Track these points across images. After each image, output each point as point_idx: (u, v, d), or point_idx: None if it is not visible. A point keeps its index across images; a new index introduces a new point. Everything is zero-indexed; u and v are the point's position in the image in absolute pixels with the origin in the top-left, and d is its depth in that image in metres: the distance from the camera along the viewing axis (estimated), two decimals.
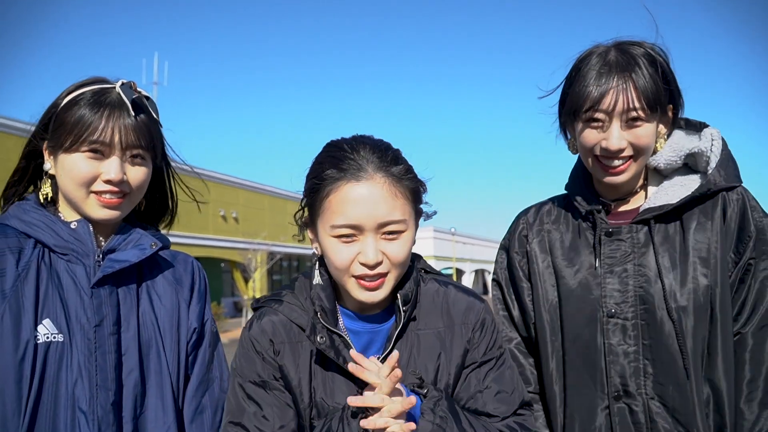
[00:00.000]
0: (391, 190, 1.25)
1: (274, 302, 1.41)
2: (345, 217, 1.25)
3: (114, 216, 1.42)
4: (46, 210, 1.42)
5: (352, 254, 1.26)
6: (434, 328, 1.38)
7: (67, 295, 1.36)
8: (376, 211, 1.24)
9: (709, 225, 1.55)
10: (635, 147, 1.51)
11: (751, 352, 1.50)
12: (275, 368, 1.34)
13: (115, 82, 1.42)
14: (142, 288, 1.48)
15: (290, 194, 33.95)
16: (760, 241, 1.52)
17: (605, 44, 1.57)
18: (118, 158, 1.38)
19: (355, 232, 1.25)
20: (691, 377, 1.49)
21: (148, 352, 1.43)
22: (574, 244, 1.67)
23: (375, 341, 1.37)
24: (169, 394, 1.44)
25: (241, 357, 1.37)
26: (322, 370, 1.34)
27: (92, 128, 1.35)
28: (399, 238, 1.28)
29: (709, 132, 1.60)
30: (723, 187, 1.55)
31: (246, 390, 1.34)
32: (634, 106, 1.46)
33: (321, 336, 1.31)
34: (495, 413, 1.36)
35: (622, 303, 1.55)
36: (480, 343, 1.40)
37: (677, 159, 1.61)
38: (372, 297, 1.29)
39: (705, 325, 1.51)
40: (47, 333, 1.31)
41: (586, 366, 1.59)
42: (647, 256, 1.56)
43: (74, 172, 1.37)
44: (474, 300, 1.43)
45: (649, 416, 1.52)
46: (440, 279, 1.47)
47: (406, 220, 1.28)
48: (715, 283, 1.51)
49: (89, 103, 1.37)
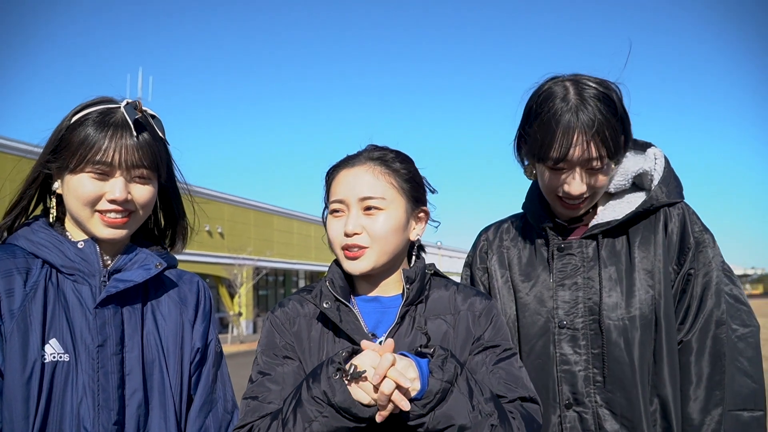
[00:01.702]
0: (374, 172, 1.46)
1: (300, 291, 1.57)
2: (335, 193, 1.48)
3: (119, 235, 1.42)
4: (54, 230, 1.43)
5: (340, 227, 1.46)
6: (441, 314, 1.48)
7: (72, 315, 1.36)
8: (357, 187, 1.45)
9: (652, 239, 1.65)
10: (594, 188, 1.61)
11: (696, 356, 1.58)
12: (291, 339, 1.47)
13: (121, 102, 1.43)
14: (147, 308, 1.48)
15: (276, 209, 33.86)
16: (699, 253, 1.62)
17: (561, 79, 1.58)
18: (122, 178, 1.39)
19: (342, 207, 1.46)
20: (637, 385, 1.57)
21: (152, 372, 1.43)
22: (530, 260, 1.77)
23: (383, 321, 1.46)
24: (171, 415, 1.44)
25: (262, 337, 1.51)
26: (333, 341, 1.45)
27: (96, 149, 1.36)
28: (377, 214, 1.44)
29: (653, 152, 1.72)
30: (664, 203, 1.65)
31: (261, 364, 1.46)
32: (596, 156, 1.54)
33: (327, 302, 1.44)
34: (500, 394, 1.38)
35: (572, 314, 1.64)
36: (485, 329, 1.47)
37: (626, 183, 1.71)
38: (353, 267, 1.44)
39: (650, 334, 1.59)
40: (54, 353, 1.31)
41: (540, 376, 1.66)
42: (595, 270, 1.65)
43: (79, 192, 1.38)
44: (478, 296, 1.54)
45: (598, 423, 1.59)
46: (449, 281, 1.59)
47: (386, 199, 1.44)
48: (659, 294, 1.60)
49: (94, 123, 1.38)
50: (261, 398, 1.40)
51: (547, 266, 1.71)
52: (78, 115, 1.41)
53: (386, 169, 1.47)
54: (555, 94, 1.55)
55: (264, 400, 1.39)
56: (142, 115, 1.43)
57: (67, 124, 1.41)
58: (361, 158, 1.49)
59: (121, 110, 1.40)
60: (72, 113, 1.43)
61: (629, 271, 1.62)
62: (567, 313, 1.64)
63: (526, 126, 1.64)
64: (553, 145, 1.53)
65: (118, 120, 1.39)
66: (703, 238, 1.63)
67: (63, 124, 1.42)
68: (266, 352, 1.47)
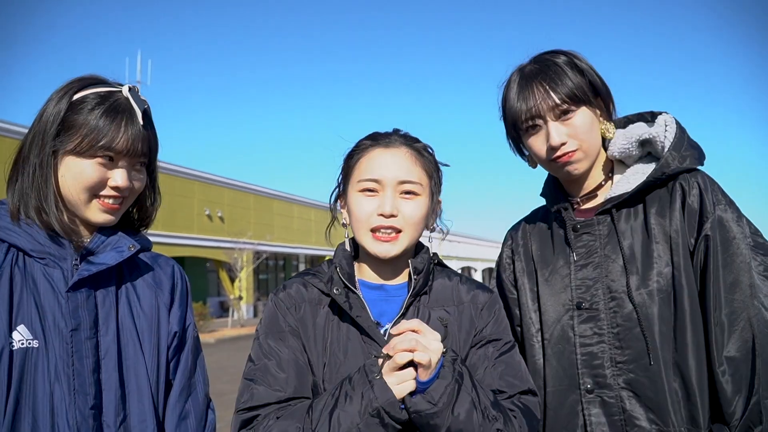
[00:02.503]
0: (411, 158, 1.46)
1: (303, 274, 1.54)
2: (371, 172, 1.44)
3: (112, 220, 1.42)
4: (21, 213, 1.38)
5: (373, 206, 1.43)
6: (444, 305, 1.49)
7: (43, 300, 1.33)
8: (397, 170, 1.43)
9: (669, 209, 1.56)
10: (576, 136, 1.56)
11: (724, 337, 1.45)
12: (295, 324, 1.45)
13: (114, 83, 1.42)
14: (121, 291, 1.45)
15: (276, 193, 33.84)
16: (721, 227, 1.49)
17: (525, 62, 1.66)
18: (126, 165, 1.39)
19: (377, 186, 1.43)
20: (659, 362, 1.49)
21: (127, 355, 1.41)
22: (549, 245, 1.73)
23: (388, 311, 1.46)
24: (148, 398, 1.41)
25: (265, 317, 1.49)
26: (338, 328, 1.43)
27: (110, 137, 1.34)
28: (414, 200, 1.44)
29: (663, 118, 1.63)
30: (677, 170, 1.55)
31: (266, 346, 1.43)
32: (558, 101, 1.54)
33: (337, 288, 1.43)
34: (501, 389, 1.41)
35: (591, 294, 1.59)
36: (488, 322, 1.49)
37: (630, 146, 1.63)
38: (386, 250, 1.43)
39: (670, 308, 1.51)
40: (22, 339, 1.28)
41: (560, 362, 1.61)
42: (611, 246, 1.59)
43: (84, 177, 1.35)
44: (481, 289, 1.55)
45: (622, 407, 1.52)
46: (452, 272, 1.59)
47: (423, 185, 1.45)
48: (678, 267, 1.51)
49: (106, 109, 1.35)
50: (266, 383, 1.38)
51: (565, 248, 1.67)
52: (78, 95, 1.37)
53: (420, 157, 1.47)
54: (516, 70, 1.65)
55: (270, 386, 1.37)
56: (143, 102, 1.42)
57: (65, 104, 1.36)
58: (395, 141, 1.48)
59: (124, 96, 1.39)
60: (66, 92, 1.38)
61: (646, 244, 1.55)
62: (584, 293, 1.60)
63: (503, 110, 1.68)
64: (517, 103, 1.60)
65: (125, 107, 1.38)
66: (725, 212, 1.50)
67: (60, 104, 1.36)
68: (270, 335, 1.44)
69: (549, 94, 1.55)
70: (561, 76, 1.56)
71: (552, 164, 1.62)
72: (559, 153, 1.57)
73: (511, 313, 1.78)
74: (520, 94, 1.59)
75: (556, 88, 1.55)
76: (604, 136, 1.63)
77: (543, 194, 1.82)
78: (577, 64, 1.59)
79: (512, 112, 1.61)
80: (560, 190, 1.74)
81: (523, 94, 1.58)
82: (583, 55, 1.63)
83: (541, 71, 1.58)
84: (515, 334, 1.76)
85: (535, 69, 1.60)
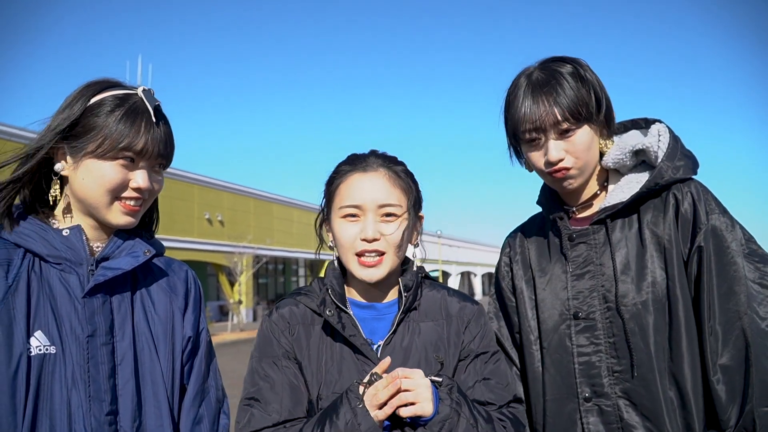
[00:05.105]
0: (390, 181, 1.49)
1: (294, 294, 1.58)
2: (351, 198, 1.47)
3: (132, 223, 1.42)
4: (35, 218, 1.38)
5: (355, 231, 1.46)
6: (433, 320, 1.53)
7: (60, 305, 1.32)
8: (376, 194, 1.46)
9: (663, 219, 1.57)
10: (574, 153, 1.56)
11: (718, 346, 1.46)
12: (290, 347, 1.49)
13: (128, 86, 1.42)
14: (136, 296, 1.45)
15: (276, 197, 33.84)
16: (715, 237, 1.50)
17: (532, 66, 1.64)
18: (147, 166, 1.40)
19: (358, 212, 1.47)
20: (655, 372, 1.51)
21: (143, 361, 1.41)
22: (545, 254, 1.74)
23: (379, 329, 1.50)
24: (165, 404, 1.41)
25: (259, 340, 1.53)
26: (331, 347, 1.48)
27: (131, 138, 1.34)
28: (395, 221, 1.47)
29: (656, 128, 1.63)
30: (671, 180, 1.56)
31: (260, 370, 1.48)
32: (560, 119, 1.53)
33: (329, 310, 1.47)
34: (490, 401, 1.48)
35: (587, 303, 1.60)
36: (475, 336, 1.54)
37: (623, 156, 1.63)
38: (371, 274, 1.46)
39: (664, 318, 1.52)
40: (39, 345, 1.28)
41: (558, 371, 1.62)
42: (606, 255, 1.60)
43: (105, 179, 1.35)
44: (468, 302, 1.59)
45: (619, 416, 1.54)
46: (439, 285, 1.63)
47: (402, 206, 1.48)
48: (672, 276, 1.52)
49: (125, 111, 1.35)
50: (260, 408, 1.43)
51: (561, 258, 1.68)
52: (96, 97, 1.37)
53: (397, 177, 1.50)
54: (522, 74, 1.63)
55: (264, 410, 1.43)
56: (159, 104, 1.42)
57: (83, 105, 1.36)
58: (372, 164, 1.50)
59: (141, 98, 1.40)
60: (83, 94, 1.38)
61: (640, 254, 1.57)
62: (581, 303, 1.60)
63: (505, 114, 1.67)
64: (520, 112, 1.58)
65: (143, 108, 1.38)
66: (718, 221, 1.51)
67: (78, 106, 1.37)
68: (264, 359, 1.49)
69: (552, 110, 1.54)
70: (566, 90, 1.54)
71: (548, 176, 1.63)
72: (555, 168, 1.58)
73: (511, 320, 1.79)
74: (524, 104, 1.58)
75: (560, 105, 1.54)
76: (602, 151, 1.64)
77: (539, 202, 1.82)
78: (582, 75, 1.57)
79: (514, 121, 1.61)
80: (556, 198, 1.74)
81: (527, 105, 1.57)
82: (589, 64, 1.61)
83: (547, 82, 1.56)
84: (515, 341, 1.78)
85: (541, 78, 1.58)
